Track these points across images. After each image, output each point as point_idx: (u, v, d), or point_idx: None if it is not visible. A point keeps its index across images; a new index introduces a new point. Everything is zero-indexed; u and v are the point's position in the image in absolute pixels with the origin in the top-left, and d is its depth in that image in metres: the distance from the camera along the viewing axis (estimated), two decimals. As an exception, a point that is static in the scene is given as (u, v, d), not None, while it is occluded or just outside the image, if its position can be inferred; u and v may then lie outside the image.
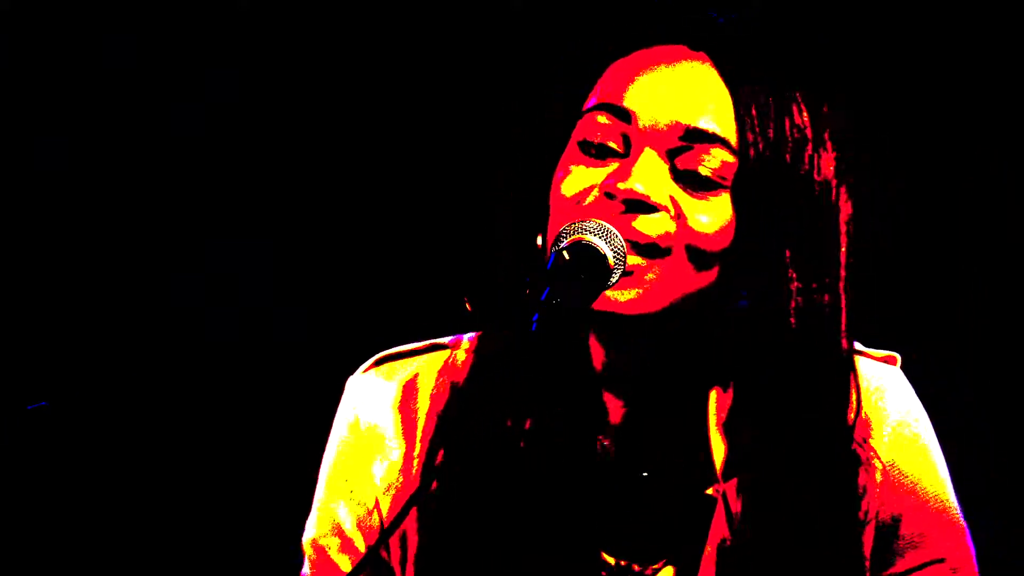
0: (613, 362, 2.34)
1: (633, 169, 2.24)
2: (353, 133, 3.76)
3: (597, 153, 2.28)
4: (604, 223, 2.22)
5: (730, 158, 2.25)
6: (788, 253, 2.27)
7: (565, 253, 2.19)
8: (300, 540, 2.49)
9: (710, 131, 2.25)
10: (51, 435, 3.77)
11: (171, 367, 3.79)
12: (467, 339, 2.45)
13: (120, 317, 3.78)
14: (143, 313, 3.78)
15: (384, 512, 2.42)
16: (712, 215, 2.25)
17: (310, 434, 3.78)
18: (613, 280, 2.21)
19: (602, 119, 2.28)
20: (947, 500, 2.40)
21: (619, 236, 2.21)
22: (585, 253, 2.20)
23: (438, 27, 3.69)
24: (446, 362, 2.44)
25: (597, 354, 2.35)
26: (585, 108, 2.30)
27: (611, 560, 2.36)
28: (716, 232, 2.25)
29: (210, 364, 3.79)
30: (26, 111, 3.72)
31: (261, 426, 3.79)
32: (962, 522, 2.41)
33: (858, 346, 2.42)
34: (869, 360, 2.43)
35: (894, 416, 2.40)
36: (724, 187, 2.25)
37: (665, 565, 2.36)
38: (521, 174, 2.37)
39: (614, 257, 2.21)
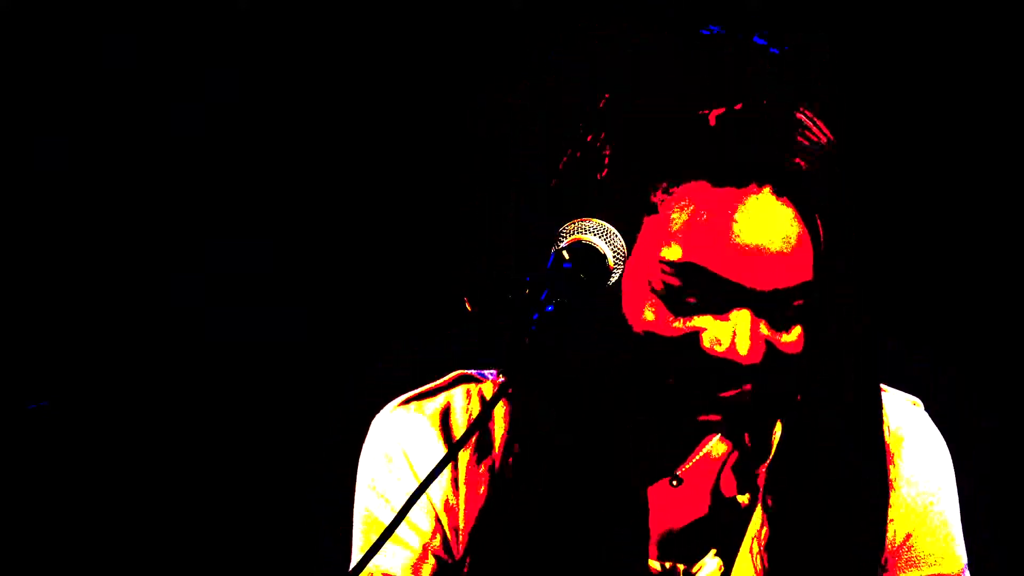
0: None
1: (736, 337, 2.20)
2: (353, 133, 3.76)
3: (676, 308, 2.23)
4: (604, 223, 2.20)
5: (810, 293, 2.24)
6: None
7: (565, 253, 2.18)
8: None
9: (802, 285, 2.22)
10: (51, 435, 3.77)
11: (171, 367, 3.79)
12: (492, 375, 2.45)
13: (120, 317, 3.78)
14: (143, 313, 3.78)
15: (437, 541, 2.39)
16: (794, 335, 2.26)
17: (310, 434, 3.78)
18: (613, 280, 2.20)
19: (689, 278, 2.21)
20: (951, 532, 2.44)
21: (619, 236, 2.20)
22: (585, 253, 2.19)
23: (439, 27, 3.69)
24: (479, 393, 2.43)
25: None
26: (669, 260, 2.22)
27: (656, 565, 2.37)
28: (798, 342, 2.26)
29: (210, 364, 3.79)
30: (26, 111, 3.72)
31: (261, 426, 3.79)
32: (963, 557, 2.45)
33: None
34: (893, 393, 2.46)
35: (914, 457, 2.43)
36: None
37: (711, 559, 2.37)
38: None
39: (614, 257, 2.20)
